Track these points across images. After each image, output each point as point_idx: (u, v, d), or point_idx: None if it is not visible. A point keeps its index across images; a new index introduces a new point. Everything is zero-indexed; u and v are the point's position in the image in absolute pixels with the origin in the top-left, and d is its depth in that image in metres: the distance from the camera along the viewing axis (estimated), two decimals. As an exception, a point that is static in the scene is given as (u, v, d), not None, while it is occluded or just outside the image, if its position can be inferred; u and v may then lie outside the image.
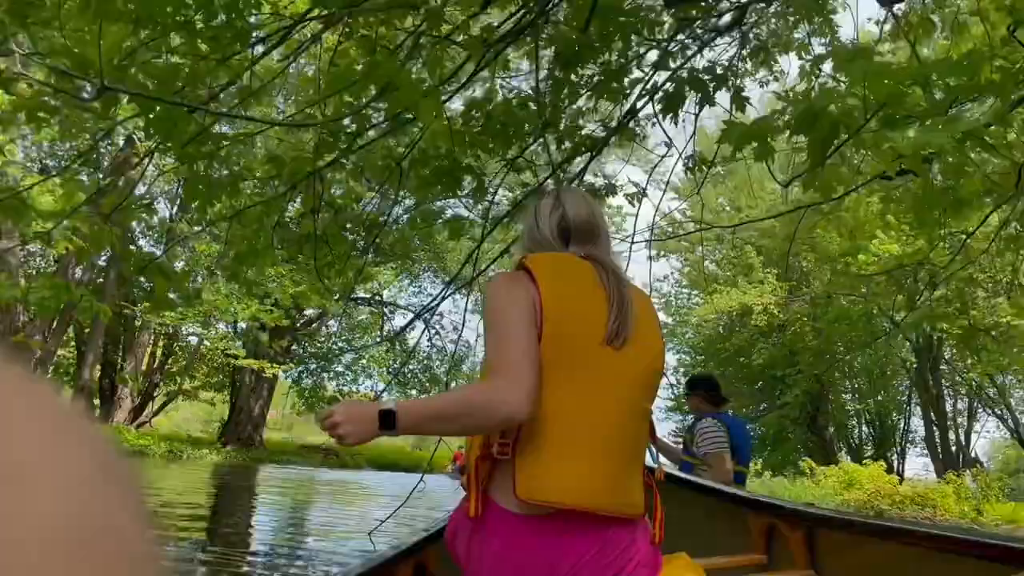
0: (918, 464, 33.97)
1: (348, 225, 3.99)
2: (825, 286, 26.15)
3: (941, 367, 27.43)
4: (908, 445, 32.84)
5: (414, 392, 27.86)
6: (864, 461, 20.68)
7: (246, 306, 19.82)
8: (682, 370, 31.50)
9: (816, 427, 28.97)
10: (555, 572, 1.44)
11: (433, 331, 27.65)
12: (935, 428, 25.37)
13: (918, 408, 30.50)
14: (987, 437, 33.87)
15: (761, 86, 5.40)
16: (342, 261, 4.37)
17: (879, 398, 31.39)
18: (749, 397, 29.91)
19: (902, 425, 32.15)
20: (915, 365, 25.08)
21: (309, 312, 27.30)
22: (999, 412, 29.00)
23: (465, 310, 4.88)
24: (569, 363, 1.52)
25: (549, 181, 3.98)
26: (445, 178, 3.77)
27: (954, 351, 26.12)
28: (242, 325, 25.40)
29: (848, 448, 31.62)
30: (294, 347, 28.22)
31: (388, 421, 1.45)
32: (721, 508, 3.13)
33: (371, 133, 3.64)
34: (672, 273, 32.40)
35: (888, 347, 24.48)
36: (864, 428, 33.68)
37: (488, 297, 1.57)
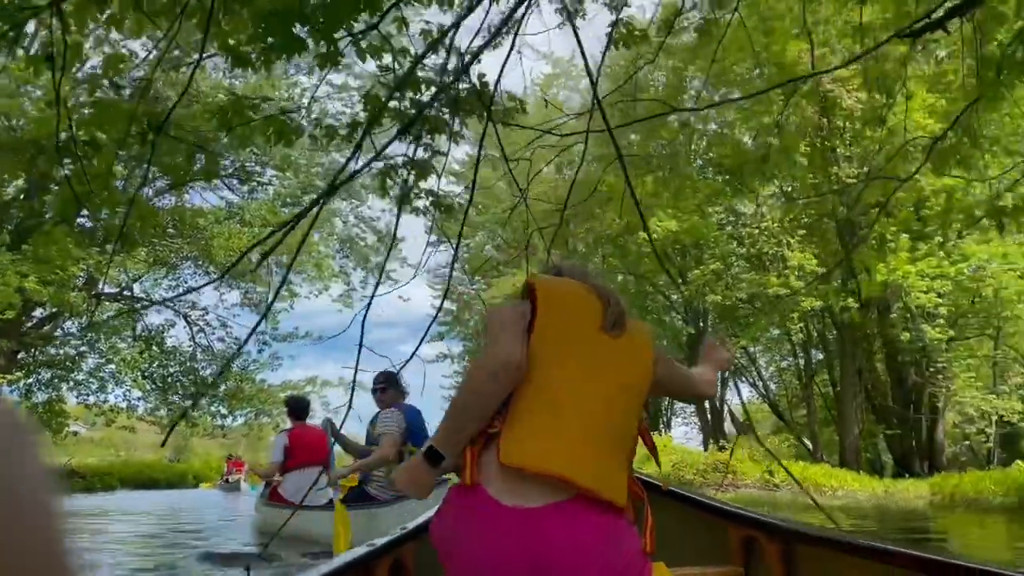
0: (679, 433, 36.95)
1: (119, 95, 2.45)
2: (599, 267, 27.01)
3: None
4: (672, 416, 35.49)
5: (176, 398, 24.76)
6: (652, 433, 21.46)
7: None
8: (467, 356, 31.22)
9: (598, 404, 30.03)
10: (535, 565, 1.42)
11: (196, 328, 24.77)
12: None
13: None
14: (735, 405, 37.56)
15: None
16: (101, 182, 2.85)
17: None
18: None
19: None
20: (688, 337, 26.57)
21: (38, 313, 23.10)
22: (751, 379, 31.82)
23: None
24: (564, 343, 1.59)
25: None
26: (278, 33, 2.43)
27: (713, 323, 28.12)
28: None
29: (620, 422, 33.21)
30: (21, 354, 23.70)
31: (431, 454, 1.54)
32: (700, 519, 3.08)
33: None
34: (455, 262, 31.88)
35: (663, 321, 25.84)
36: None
37: (488, 317, 1.65)
